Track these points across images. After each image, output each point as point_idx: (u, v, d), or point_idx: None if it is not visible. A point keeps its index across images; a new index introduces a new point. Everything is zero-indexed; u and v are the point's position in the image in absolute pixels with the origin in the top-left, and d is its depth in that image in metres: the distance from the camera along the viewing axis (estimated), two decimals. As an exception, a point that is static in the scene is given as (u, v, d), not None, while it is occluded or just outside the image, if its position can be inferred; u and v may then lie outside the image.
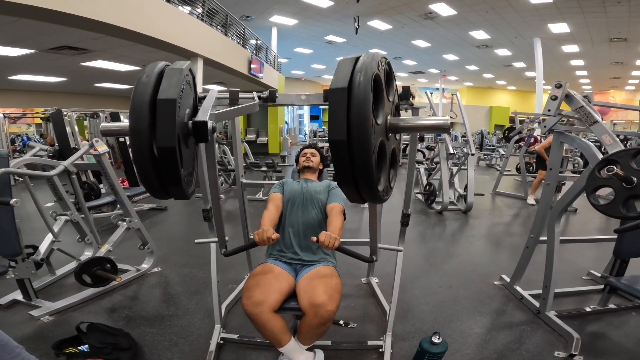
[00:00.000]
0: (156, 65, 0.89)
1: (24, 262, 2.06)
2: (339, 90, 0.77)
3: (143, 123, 0.81)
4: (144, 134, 0.81)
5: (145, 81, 0.85)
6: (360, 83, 0.76)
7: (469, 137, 4.99)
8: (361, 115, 0.75)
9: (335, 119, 0.76)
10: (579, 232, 4.22)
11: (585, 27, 10.06)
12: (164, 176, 0.86)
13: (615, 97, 19.77)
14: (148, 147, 0.82)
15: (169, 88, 0.84)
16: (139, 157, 0.83)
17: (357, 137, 0.75)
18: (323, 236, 1.43)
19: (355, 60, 0.82)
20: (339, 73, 0.80)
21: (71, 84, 10.52)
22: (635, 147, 2.37)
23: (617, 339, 1.96)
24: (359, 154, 0.76)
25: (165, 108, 0.81)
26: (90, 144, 2.55)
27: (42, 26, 4.81)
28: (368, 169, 0.78)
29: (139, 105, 0.82)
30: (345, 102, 0.76)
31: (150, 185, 0.88)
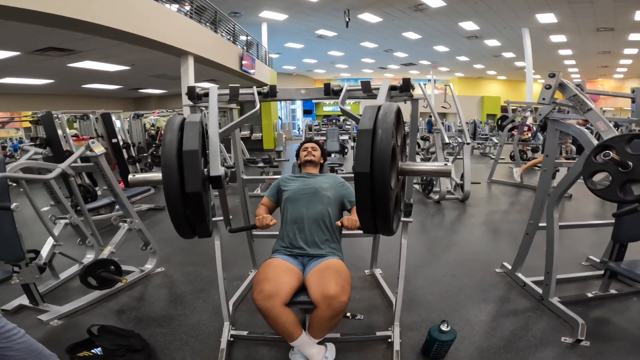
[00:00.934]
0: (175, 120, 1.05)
1: (28, 267, 2.04)
2: (365, 132, 0.89)
3: (174, 173, 0.96)
4: (176, 182, 0.96)
5: (170, 136, 1.00)
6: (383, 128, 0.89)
7: (463, 126, 5.03)
8: (383, 154, 0.87)
9: (361, 155, 0.88)
10: (575, 218, 4.30)
11: (572, 17, 10.15)
12: (193, 216, 1.02)
13: (604, 85, 20.05)
14: (179, 193, 0.97)
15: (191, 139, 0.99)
16: (173, 203, 0.98)
17: (379, 172, 0.86)
18: (346, 220, 1.62)
19: (378, 109, 0.94)
20: (365, 118, 0.92)
21: (59, 86, 10.34)
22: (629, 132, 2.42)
23: (621, 324, 1.99)
24: (379, 188, 0.87)
25: (191, 158, 0.96)
26: (86, 146, 2.52)
27: (26, 28, 4.71)
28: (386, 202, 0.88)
29: (169, 158, 0.97)
30: (370, 142, 0.88)
31: (181, 226, 1.04)
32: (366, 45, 14.62)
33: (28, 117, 7.28)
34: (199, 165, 0.98)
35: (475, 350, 1.79)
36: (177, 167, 0.96)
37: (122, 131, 6.73)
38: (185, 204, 0.98)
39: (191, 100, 1.79)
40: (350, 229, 1.63)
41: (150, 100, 15.26)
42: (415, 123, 1.93)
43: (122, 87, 11.55)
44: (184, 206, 0.98)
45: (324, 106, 22.64)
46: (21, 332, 1.27)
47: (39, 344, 1.29)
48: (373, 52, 16.01)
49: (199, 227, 1.06)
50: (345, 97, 1.64)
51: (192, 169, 0.95)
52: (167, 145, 0.97)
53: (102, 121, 5.74)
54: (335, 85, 1.76)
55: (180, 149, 0.97)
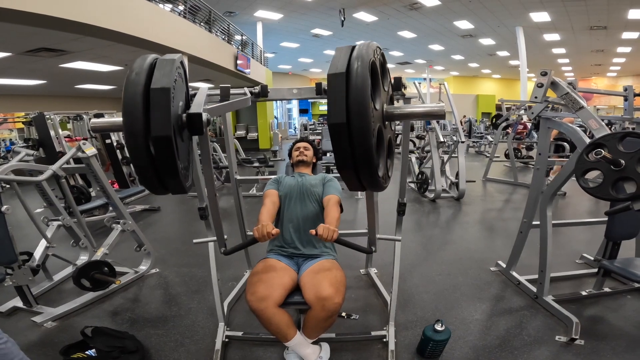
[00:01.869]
0: (147, 57, 0.87)
1: (21, 269, 2.02)
2: (337, 76, 0.77)
3: (137, 114, 0.78)
4: (139, 125, 0.78)
5: (138, 72, 0.81)
6: (358, 68, 0.77)
7: (458, 125, 5.05)
8: (360, 100, 0.75)
9: (334, 103, 0.76)
10: (569, 215, 4.33)
11: (566, 15, 10.21)
12: (162, 168, 0.83)
13: (597, 84, 20.19)
14: (143, 139, 0.79)
15: (162, 77, 0.81)
16: (135, 150, 0.80)
17: (356, 120, 0.75)
18: (321, 229, 1.41)
19: (351, 48, 0.83)
20: (336, 60, 0.80)
21: (51, 87, 10.25)
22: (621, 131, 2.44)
23: (615, 322, 2.00)
24: (358, 137, 0.76)
25: (160, 97, 0.78)
26: (78, 147, 2.50)
27: (17, 29, 4.65)
28: (368, 152, 0.77)
29: (132, 96, 0.78)
30: (344, 86, 0.76)
31: (148, 180, 0.85)
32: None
33: (21, 118, 7.21)
34: (169, 105, 0.79)
35: (470, 349, 1.80)
36: (142, 105, 0.78)
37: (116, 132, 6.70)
38: (152, 152, 0.80)
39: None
40: (327, 241, 1.42)
41: (144, 100, 15.15)
42: (408, 122, 1.93)
43: (116, 87, 11.46)
44: (149, 154, 0.80)
45: (319, 105, 22.61)
46: (4, 338, 1.25)
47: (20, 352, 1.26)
48: (368, 51, 16.01)
49: (170, 182, 0.87)
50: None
51: (160, 108, 0.78)
52: (132, 77, 0.80)
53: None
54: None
55: (149, 85, 0.80)
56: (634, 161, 1.28)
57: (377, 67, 0.85)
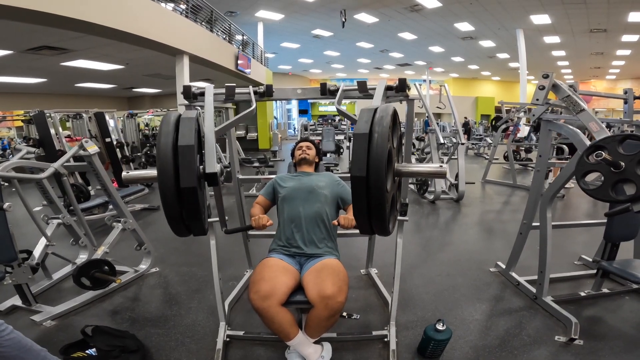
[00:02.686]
0: (171, 115, 1.03)
1: (20, 268, 2.02)
2: (361, 136, 0.89)
3: (169, 167, 0.94)
4: (171, 175, 0.94)
5: (166, 130, 0.98)
6: (379, 135, 0.89)
7: (458, 127, 5.07)
8: (379, 158, 0.87)
9: (357, 159, 0.88)
10: (567, 217, 4.35)
11: (566, 18, 10.24)
12: (188, 213, 0.99)
13: (597, 86, 20.25)
14: (175, 187, 0.95)
15: (187, 134, 0.97)
16: (166, 198, 0.96)
17: (374, 176, 0.87)
18: (342, 219, 1.60)
19: (374, 111, 0.94)
20: (360, 120, 0.92)
21: (52, 85, 10.24)
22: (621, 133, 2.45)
23: (614, 323, 2.01)
24: (374, 190, 0.87)
25: (186, 153, 0.95)
26: (79, 145, 2.50)
27: (19, 26, 4.65)
28: (381, 204, 0.89)
29: (165, 153, 0.95)
30: (366, 145, 0.88)
31: (176, 223, 1.01)
32: (362, 45, 14.63)
33: (20, 116, 7.20)
34: (195, 160, 0.96)
35: (470, 349, 1.80)
36: (173, 162, 0.94)
37: (115, 131, 6.69)
38: (180, 200, 0.96)
39: (187, 100, 1.78)
40: (347, 228, 1.62)
41: (144, 99, 15.16)
42: (410, 123, 1.94)
43: (116, 86, 11.46)
44: (178, 203, 0.96)
45: (319, 106, 22.64)
46: (9, 329, 1.26)
47: (28, 340, 1.29)
48: (369, 53, 16.03)
49: (194, 224, 1.03)
50: (341, 98, 1.64)
51: (187, 164, 0.94)
52: (163, 140, 0.96)
53: (95, 120, 5.70)
54: (332, 85, 1.76)
55: (176, 143, 0.95)
56: (633, 163, 1.28)
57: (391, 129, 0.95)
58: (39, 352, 1.30)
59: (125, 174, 1.12)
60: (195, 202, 0.97)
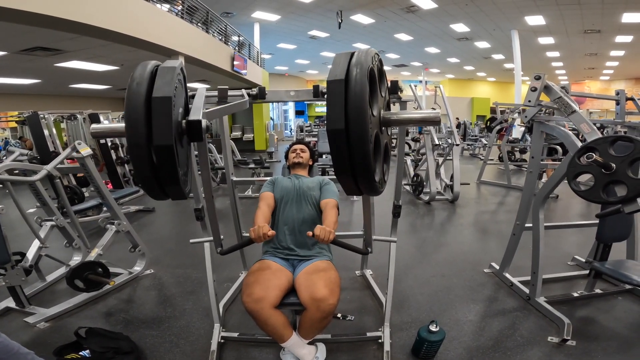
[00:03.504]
0: (147, 65, 0.88)
1: (14, 270, 2.01)
2: (336, 82, 0.79)
3: (140, 123, 0.79)
4: (142, 134, 0.79)
5: (139, 81, 0.83)
6: (357, 75, 0.78)
7: (453, 128, 5.09)
8: (358, 106, 0.76)
9: (334, 109, 0.78)
10: (561, 218, 4.38)
11: (560, 19, 10.32)
12: (162, 175, 0.84)
13: (591, 87, 20.39)
14: (146, 148, 0.80)
15: (163, 86, 0.82)
16: (137, 158, 0.81)
17: (354, 126, 0.76)
18: (318, 230, 1.43)
19: (350, 55, 0.84)
20: (336, 66, 0.81)
21: (46, 86, 10.15)
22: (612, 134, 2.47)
23: (607, 323, 2.03)
24: (356, 143, 0.77)
25: (161, 106, 0.80)
26: (72, 147, 2.49)
27: (13, 27, 4.61)
28: (366, 158, 0.79)
29: (135, 104, 0.80)
30: (343, 93, 0.77)
31: (149, 186, 0.87)
32: (358, 46, 14.65)
33: (14, 117, 7.15)
34: (171, 114, 0.80)
35: (464, 350, 1.81)
36: (144, 115, 0.79)
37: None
38: (154, 159, 0.81)
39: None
40: (324, 242, 1.44)
41: (140, 100, 15.06)
42: (404, 127, 1.95)
43: (111, 87, 11.38)
44: (151, 162, 0.81)
45: (315, 107, 22.63)
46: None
47: (15, 343, 1.27)
48: (365, 53, 16.07)
49: (171, 189, 0.88)
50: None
51: (162, 117, 0.79)
52: (134, 86, 0.81)
53: (90, 121, 5.67)
54: (325, 87, 1.76)
55: (150, 95, 0.81)
56: (624, 165, 1.30)
57: (375, 74, 0.87)
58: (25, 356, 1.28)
59: (94, 126, 1.00)
60: (172, 163, 0.82)
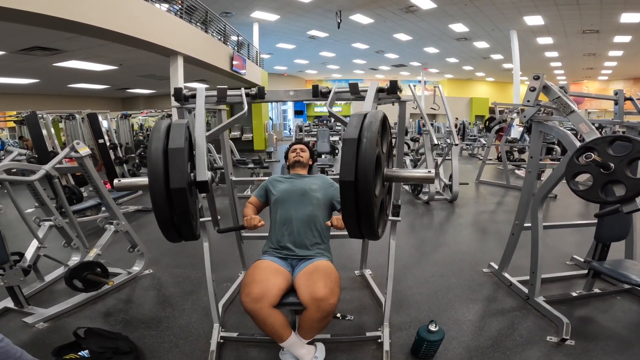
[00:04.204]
0: (162, 123, 1.05)
1: (12, 270, 2.00)
2: (350, 141, 0.90)
3: (159, 169, 0.96)
4: (161, 178, 0.96)
5: (157, 136, 1.01)
6: (368, 137, 0.89)
7: (452, 128, 5.09)
8: (368, 162, 0.87)
9: (346, 164, 0.89)
10: (560, 218, 4.39)
11: (559, 19, 10.34)
12: (177, 215, 1.00)
13: (589, 87, 20.44)
14: (165, 190, 0.96)
15: (177, 138, 1.00)
16: (157, 200, 0.97)
17: (362, 180, 0.87)
18: (335, 220, 1.65)
19: (364, 116, 0.94)
20: (350, 126, 0.93)
21: (44, 86, 10.15)
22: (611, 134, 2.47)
23: (605, 323, 2.03)
24: (363, 194, 0.88)
25: (176, 155, 0.97)
26: (71, 147, 2.48)
27: (11, 27, 4.60)
28: (370, 208, 0.89)
29: (155, 155, 0.97)
30: (355, 150, 0.88)
31: (166, 227, 1.03)
32: (357, 46, 14.67)
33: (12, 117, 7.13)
34: (185, 162, 0.99)
35: (463, 350, 1.82)
36: (163, 164, 0.96)
37: (109, 132, 6.64)
38: (170, 202, 0.98)
39: (178, 102, 1.77)
40: (341, 229, 1.63)
41: (138, 100, 15.06)
42: (403, 125, 1.95)
43: (110, 87, 11.38)
44: (169, 206, 0.98)
45: (315, 107, 22.63)
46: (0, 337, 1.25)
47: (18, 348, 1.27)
48: (364, 53, 16.07)
49: (184, 228, 1.04)
50: (333, 100, 1.64)
51: (177, 166, 0.96)
52: (154, 145, 0.99)
53: (88, 121, 5.66)
54: (324, 87, 1.76)
55: (167, 147, 0.98)
56: (623, 165, 1.30)
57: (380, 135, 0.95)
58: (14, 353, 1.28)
59: (117, 182, 1.14)
60: (185, 204, 0.98)
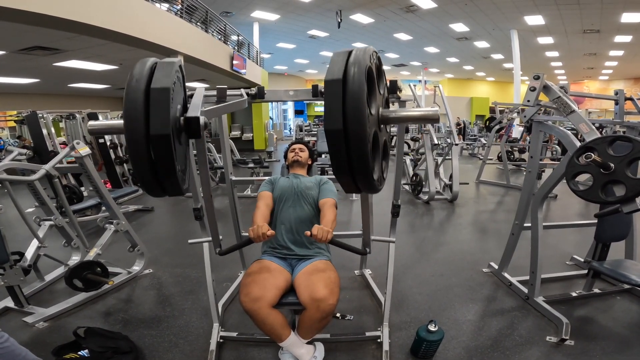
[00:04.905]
0: (147, 61, 0.88)
1: (12, 269, 2.00)
2: (334, 82, 0.78)
3: (138, 114, 0.79)
4: (139, 124, 0.79)
5: (138, 77, 0.83)
6: (355, 74, 0.78)
7: (452, 127, 5.10)
8: (356, 106, 0.76)
9: (331, 109, 0.77)
10: (560, 217, 4.39)
11: (560, 19, 10.33)
12: (160, 168, 0.83)
13: (590, 87, 20.42)
14: (144, 137, 0.79)
15: (162, 78, 0.83)
16: (135, 152, 0.80)
17: (352, 126, 0.76)
18: (316, 230, 1.43)
19: (348, 54, 0.83)
20: (333, 65, 0.81)
21: (44, 85, 10.13)
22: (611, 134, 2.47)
23: (605, 323, 2.03)
24: (354, 143, 0.77)
25: (160, 96, 0.80)
26: (71, 146, 2.48)
27: (11, 27, 4.60)
28: (364, 158, 0.79)
29: (133, 97, 0.80)
30: (340, 93, 0.77)
31: (146, 179, 0.85)
32: (358, 45, 14.49)
33: (12, 116, 7.13)
34: (169, 104, 0.80)
35: (462, 350, 1.82)
36: (144, 107, 0.79)
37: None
38: (151, 151, 0.80)
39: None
40: (321, 241, 1.43)
41: (139, 99, 15.04)
42: (402, 125, 1.94)
43: (110, 86, 11.36)
44: (148, 155, 0.80)
45: (315, 106, 22.61)
46: (5, 337, 1.25)
47: (23, 348, 1.27)
48: (364, 53, 16.07)
49: (168, 182, 0.87)
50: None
51: (159, 108, 0.79)
52: (134, 83, 0.81)
53: (88, 121, 5.65)
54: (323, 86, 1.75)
55: (149, 87, 0.81)
56: (623, 165, 1.30)
57: (373, 72, 0.86)
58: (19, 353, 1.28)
59: (91, 123, 1.01)
60: (169, 154, 0.81)
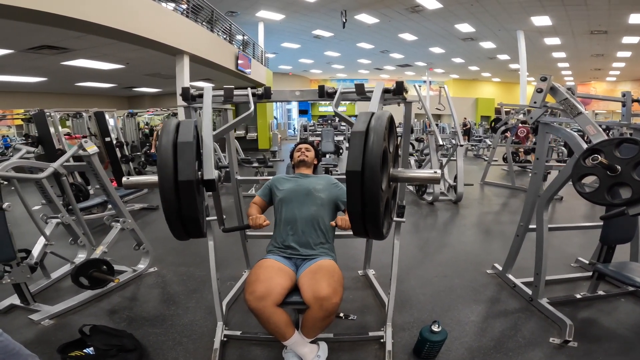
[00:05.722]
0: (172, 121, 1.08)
1: (19, 267, 2.03)
2: (358, 134, 0.91)
3: (169, 162, 0.98)
4: (170, 171, 0.98)
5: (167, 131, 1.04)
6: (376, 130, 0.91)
7: (457, 128, 5.08)
8: (375, 154, 0.88)
9: (353, 155, 0.90)
10: (565, 219, 4.36)
11: (567, 19, 10.25)
12: (185, 209, 1.00)
13: (597, 88, 20.24)
14: (174, 183, 0.98)
15: (186, 134, 1.03)
16: (166, 192, 0.98)
17: (369, 170, 0.88)
18: (340, 220, 1.69)
19: (371, 115, 0.97)
20: (359, 121, 0.95)
21: (52, 84, 10.24)
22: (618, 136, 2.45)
23: (609, 325, 2.02)
24: (369, 185, 0.88)
25: (185, 148, 1.00)
26: (79, 145, 2.51)
27: (20, 26, 4.66)
28: (375, 201, 0.89)
29: (165, 148, 1.00)
30: (363, 142, 0.90)
31: (173, 223, 1.03)
32: (362, 46, 14.64)
33: (20, 115, 7.21)
34: (193, 156, 1.00)
35: (465, 351, 1.81)
36: (173, 158, 0.98)
37: (115, 130, 6.70)
38: (179, 197, 0.98)
39: (185, 101, 1.79)
40: (345, 229, 1.65)
41: (144, 98, 15.16)
42: (408, 125, 1.95)
43: (116, 85, 11.46)
44: (177, 199, 0.98)
45: (319, 106, 22.62)
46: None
47: (17, 343, 1.27)
48: (369, 53, 16.05)
49: (191, 225, 1.04)
50: (339, 100, 1.64)
51: (185, 159, 0.98)
52: (164, 139, 1.01)
53: (95, 120, 5.70)
54: (330, 87, 1.77)
55: (176, 141, 1.00)
56: (629, 167, 1.29)
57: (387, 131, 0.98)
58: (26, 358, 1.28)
59: (125, 180, 1.16)
60: (193, 198, 0.99)
